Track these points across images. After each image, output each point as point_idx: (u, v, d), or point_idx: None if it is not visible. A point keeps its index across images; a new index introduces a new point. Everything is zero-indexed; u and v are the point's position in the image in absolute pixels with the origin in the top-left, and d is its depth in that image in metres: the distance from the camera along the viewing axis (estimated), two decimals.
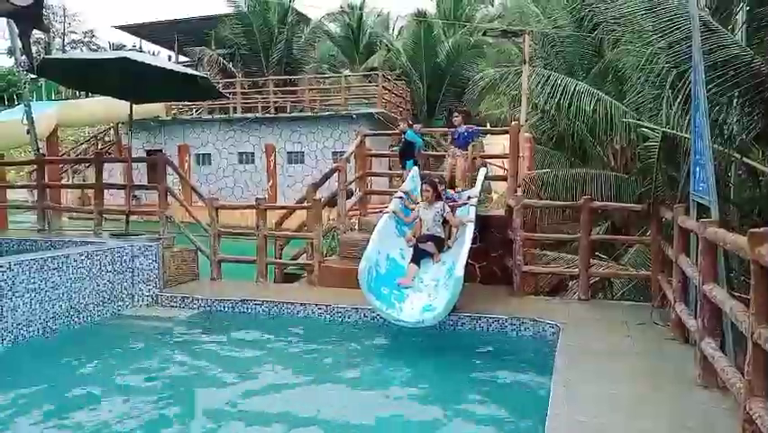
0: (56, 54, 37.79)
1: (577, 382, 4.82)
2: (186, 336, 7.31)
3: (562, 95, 9.51)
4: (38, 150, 11.89)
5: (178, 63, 25.99)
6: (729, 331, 4.68)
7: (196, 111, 27.43)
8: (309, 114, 25.27)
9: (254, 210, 9.59)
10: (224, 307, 8.21)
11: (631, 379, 4.94)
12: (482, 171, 9.31)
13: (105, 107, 20.77)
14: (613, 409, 4.32)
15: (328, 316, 7.73)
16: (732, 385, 3.72)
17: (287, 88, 26.96)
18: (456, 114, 9.59)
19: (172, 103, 25.49)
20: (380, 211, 9.46)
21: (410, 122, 10.56)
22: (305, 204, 10.08)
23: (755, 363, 3.25)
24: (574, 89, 9.45)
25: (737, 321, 3.64)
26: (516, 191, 9.11)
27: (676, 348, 5.74)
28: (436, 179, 8.12)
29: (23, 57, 11.06)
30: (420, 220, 7.75)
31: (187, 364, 6.28)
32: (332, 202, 10.39)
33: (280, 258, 10.59)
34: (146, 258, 8.53)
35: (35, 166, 11.94)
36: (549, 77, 9.93)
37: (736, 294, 4.58)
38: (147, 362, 6.35)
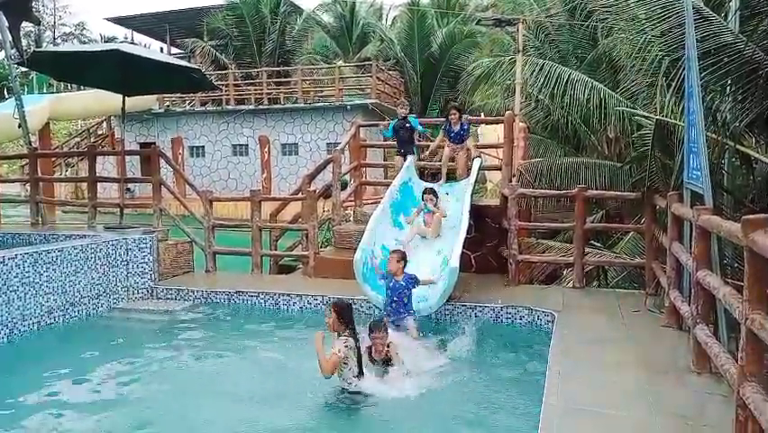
0: (47, 47, 37.45)
1: (572, 370, 4.84)
2: (181, 328, 7.31)
3: (555, 84, 9.48)
4: (30, 143, 11.82)
5: (171, 55, 25.79)
6: (723, 317, 4.71)
7: (189, 103, 27.28)
8: (303, 105, 25.17)
9: (249, 202, 9.58)
10: (220, 298, 8.22)
11: (625, 366, 4.97)
12: (477, 161, 9.30)
13: (97, 100, 20.62)
14: (607, 397, 4.35)
15: (324, 306, 7.72)
16: (725, 371, 3.74)
17: (280, 80, 26.82)
18: (453, 111, 9.24)
19: (165, 95, 25.33)
20: (375, 202, 9.44)
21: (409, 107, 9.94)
22: (299, 195, 10.06)
23: (748, 349, 3.27)
24: (568, 78, 9.43)
25: (731, 307, 3.66)
26: (510, 180, 9.12)
27: (670, 335, 5.77)
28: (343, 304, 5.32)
29: (13, 50, 10.96)
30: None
31: (183, 356, 6.29)
32: (326, 193, 10.38)
33: (275, 250, 10.57)
34: (141, 251, 8.51)
35: (27, 160, 11.84)
36: (543, 66, 9.90)
37: (729, 281, 4.60)
38: (143, 354, 6.35)
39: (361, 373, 4.92)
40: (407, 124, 9.43)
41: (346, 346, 4.77)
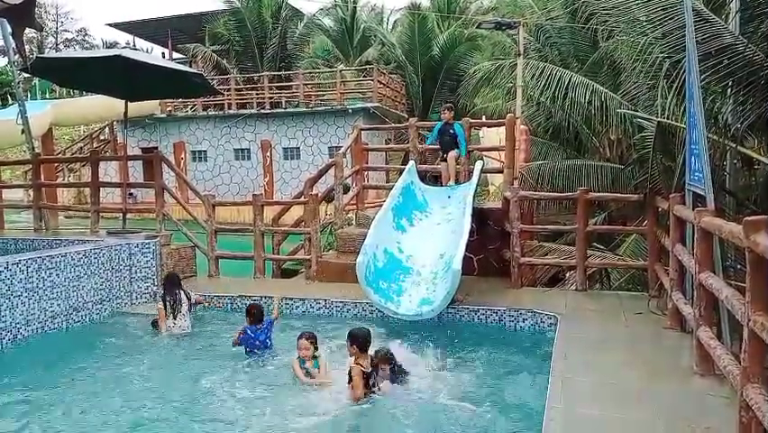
0: (49, 53, 37.59)
1: (575, 373, 4.84)
2: (185, 333, 7.29)
3: (556, 86, 9.50)
4: (33, 149, 11.86)
5: (172, 60, 25.84)
6: (725, 319, 4.71)
7: (192, 108, 27.34)
8: (305, 109, 25.21)
9: (251, 206, 9.59)
10: (223, 303, 8.23)
11: (628, 368, 4.97)
12: (478, 165, 9.31)
13: (99, 105, 20.70)
14: (611, 399, 4.35)
15: (326, 310, 7.75)
16: (729, 373, 3.74)
17: (281, 84, 26.88)
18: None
19: (167, 100, 25.40)
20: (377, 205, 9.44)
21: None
22: (302, 199, 10.08)
23: (751, 351, 3.27)
24: (569, 81, 9.44)
25: (733, 309, 3.66)
26: (512, 183, 9.12)
27: (673, 337, 5.77)
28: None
29: (17, 56, 11.01)
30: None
31: (186, 360, 6.29)
32: (329, 197, 10.40)
33: (278, 254, 10.58)
34: (144, 255, 8.53)
35: (31, 165, 11.89)
36: (544, 68, 9.92)
37: (731, 282, 4.60)
38: (146, 359, 6.35)
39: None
40: (451, 130, 9.29)
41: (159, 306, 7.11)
